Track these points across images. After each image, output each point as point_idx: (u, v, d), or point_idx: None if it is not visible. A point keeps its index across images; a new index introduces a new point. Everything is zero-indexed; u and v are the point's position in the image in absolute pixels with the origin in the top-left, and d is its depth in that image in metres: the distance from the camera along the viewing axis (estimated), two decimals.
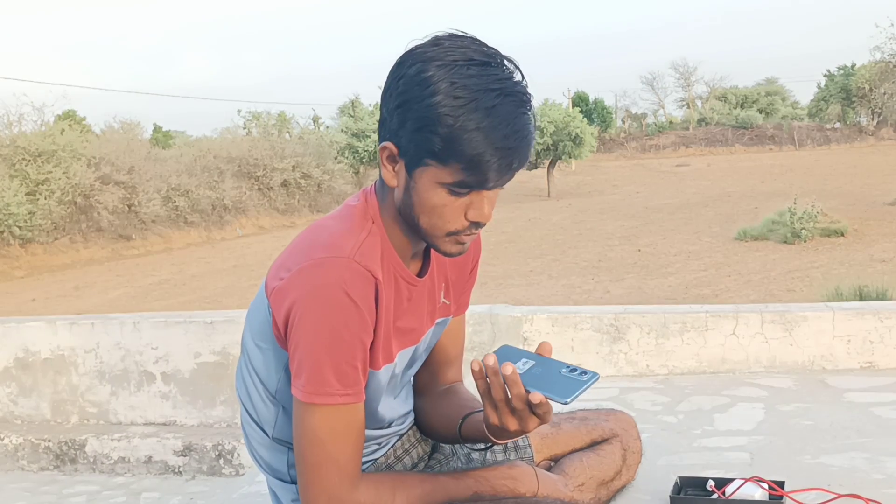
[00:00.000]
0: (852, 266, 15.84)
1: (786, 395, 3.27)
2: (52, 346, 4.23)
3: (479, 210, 1.36)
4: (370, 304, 1.39)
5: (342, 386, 1.37)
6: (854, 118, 57.07)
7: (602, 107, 61.55)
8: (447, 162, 1.31)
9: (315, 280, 1.35)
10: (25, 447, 4.14)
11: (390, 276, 1.46)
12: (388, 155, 1.39)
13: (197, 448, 3.91)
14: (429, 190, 1.35)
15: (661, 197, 31.73)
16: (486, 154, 1.29)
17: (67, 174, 26.70)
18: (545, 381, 1.35)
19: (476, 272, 1.75)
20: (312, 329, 1.35)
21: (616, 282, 16.24)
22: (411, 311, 1.53)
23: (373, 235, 1.44)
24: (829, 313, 3.58)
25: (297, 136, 41.29)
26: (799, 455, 2.55)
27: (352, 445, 1.42)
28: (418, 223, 1.40)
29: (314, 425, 1.39)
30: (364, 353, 1.40)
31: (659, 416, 3.08)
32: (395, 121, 1.35)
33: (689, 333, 3.62)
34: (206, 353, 4.03)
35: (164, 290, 19.68)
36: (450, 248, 1.42)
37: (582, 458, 1.82)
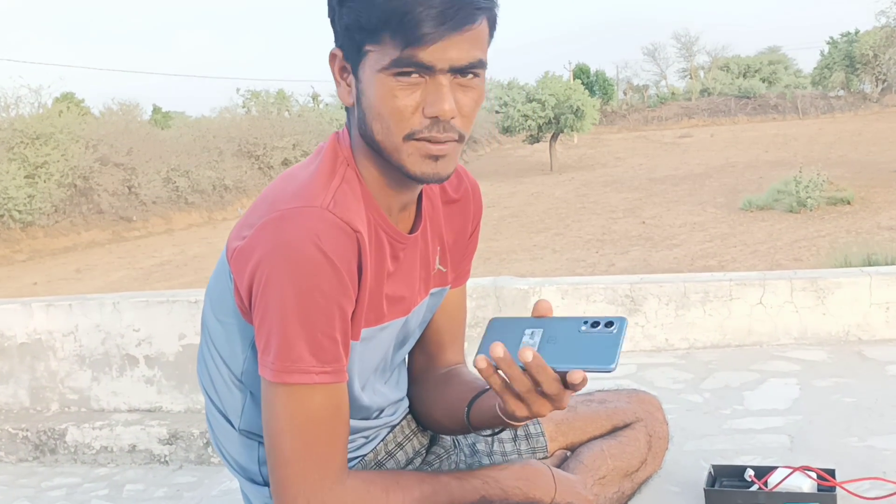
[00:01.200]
0: (859, 234, 15.65)
1: (820, 368, 2.99)
2: (29, 330, 3.98)
3: (435, 101, 1.12)
4: (350, 264, 1.14)
5: (318, 362, 1.13)
6: (858, 85, 56.53)
7: (603, 79, 61.08)
8: (379, 36, 1.11)
9: (282, 235, 1.11)
10: (2, 437, 3.91)
11: (373, 230, 1.20)
12: (338, 66, 1.20)
13: (183, 436, 3.67)
14: (375, 85, 1.13)
15: (664, 169, 31.45)
16: (413, 6, 1.08)
17: (66, 157, 26.49)
18: (571, 350, 1.08)
19: (477, 237, 1.47)
20: (280, 294, 1.10)
21: (621, 254, 16.04)
22: (400, 275, 1.27)
23: (348, 182, 1.20)
24: (865, 279, 3.29)
25: (296, 114, 40.97)
26: (844, 437, 2.28)
27: (334, 434, 1.17)
28: (376, 139, 1.16)
29: (287, 410, 1.14)
30: (344, 323, 1.14)
31: (682, 394, 2.81)
32: (332, 19, 1.18)
33: (711, 304, 3.34)
34: (192, 334, 3.77)
35: (166, 271, 19.53)
36: (418, 166, 1.15)
37: (602, 447, 1.57)
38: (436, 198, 1.38)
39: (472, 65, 1.13)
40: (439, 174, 1.17)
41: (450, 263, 1.41)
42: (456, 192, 1.41)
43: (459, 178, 1.41)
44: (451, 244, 1.41)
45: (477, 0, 1.12)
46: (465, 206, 1.42)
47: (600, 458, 1.54)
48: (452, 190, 1.40)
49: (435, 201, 1.38)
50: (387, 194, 1.23)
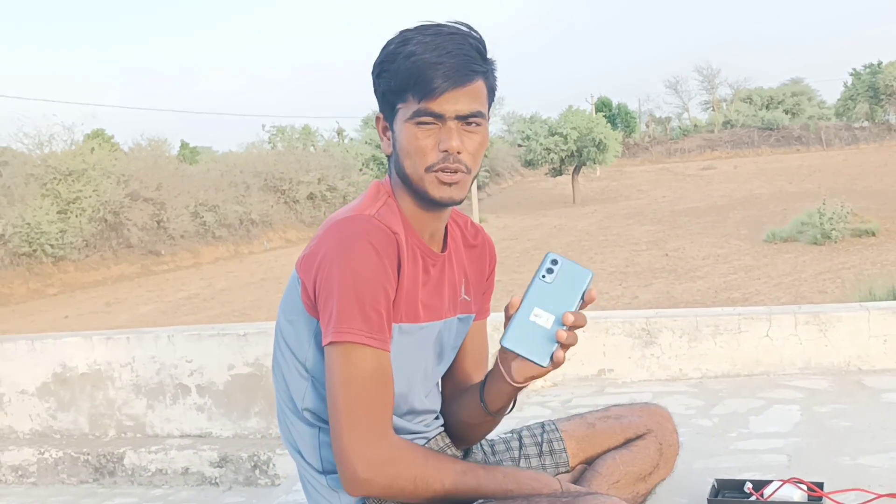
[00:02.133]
0: (885, 266, 15.62)
1: (822, 396, 3.24)
2: (89, 361, 4.29)
3: (447, 140, 1.47)
4: (392, 257, 1.47)
5: (368, 328, 1.43)
6: (882, 116, 56.40)
7: (626, 112, 61.37)
8: (404, 96, 1.48)
9: (341, 234, 1.47)
10: (65, 461, 4.20)
11: (410, 244, 1.54)
12: (381, 126, 1.57)
13: (233, 459, 3.94)
14: (403, 132, 1.50)
15: (687, 201, 31.55)
16: (425, 70, 1.45)
17: (97, 192, 27.06)
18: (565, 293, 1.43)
19: (493, 280, 1.79)
20: (340, 277, 1.43)
21: (644, 287, 16.15)
22: (432, 287, 1.59)
23: (389, 206, 1.54)
24: (864, 313, 3.54)
25: (321, 149, 41.55)
26: (837, 456, 2.53)
27: (379, 390, 1.45)
28: (406, 173, 1.52)
29: (342, 367, 1.43)
30: (387, 302, 1.46)
31: (693, 419, 3.07)
32: (375, 93, 1.55)
33: (721, 336, 3.60)
34: (240, 364, 4.07)
35: (194, 304, 19.86)
36: (436, 191, 1.50)
37: (615, 457, 1.82)
38: (459, 239, 1.71)
39: (473, 114, 1.49)
40: (453, 198, 1.51)
41: (472, 295, 1.72)
42: (474, 239, 1.74)
43: (476, 230, 1.76)
44: (473, 280, 1.73)
45: (472, 65, 1.48)
46: (482, 252, 1.75)
47: (613, 466, 1.80)
48: (471, 238, 1.74)
49: (458, 241, 1.71)
50: (419, 221, 1.56)
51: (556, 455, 1.82)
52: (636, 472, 1.83)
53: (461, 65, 1.46)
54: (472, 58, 1.48)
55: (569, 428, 1.87)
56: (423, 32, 1.49)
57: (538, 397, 3.54)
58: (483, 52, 1.52)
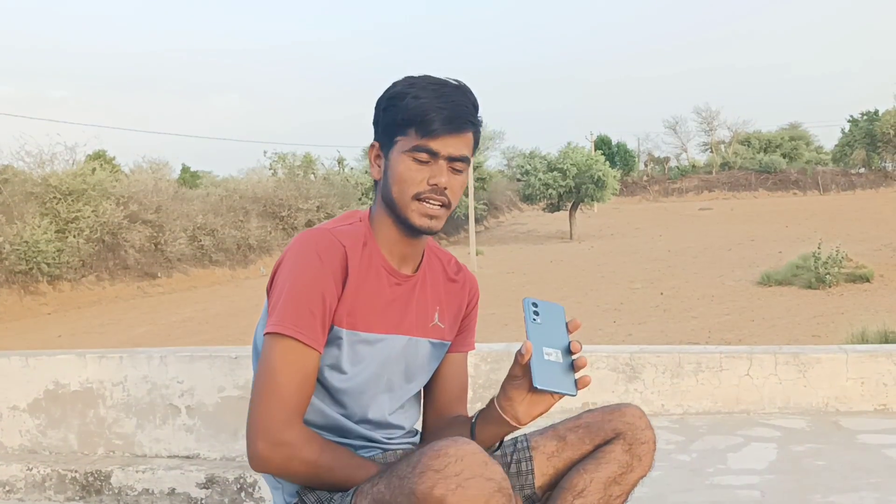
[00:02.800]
0: (878, 312, 15.64)
1: (799, 435, 3.30)
2: (82, 379, 4.33)
3: (437, 175, 1.66)
4: (336, 266, 1.65)
5: (297, 325, 1.60)
6: (879, 163, 56.81)
7: (624, 150, 61.78)
8: (406, 130, 1.66)
9: (298, 243, 1.67)
10: (53, 477, 4.23)
11: (371, 261, 1.71)
12: (374, 154, 1.74)
13: (219, 480, 3.97)
14: (398, 161, 1.68)
15: (683, 240, 31.66)
16: (429, 110, 1.64)
17: (96, 212, 27.14)
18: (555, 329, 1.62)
19: (475, 316, 1.91)
20: (283, 278, 1.64)
21: (638, 325, 16.18)
22: (395, 303, 1.73)
23: (355, 226, 1.72)
24: (842, 355, 3.62)
25: (321, 177, 41.73)
26: (809, 494, 2.59)
27: (297, 383, 1.60)
28: (393, 198, 1.69)
29: (269, 356, 1.60)
30: (323, 307, 1.62)
31: (673, 454, 3.13)
32: (375, 123, 1.73)
33: (703, 374, 3.67)
34: (230, 387, 4.11)
35: (188, 328, 19.85)
36: (418, 220, 1.68)
37: (580, 468, 1.84)
38: (437, 272, 1.85)
39: (461, 158, 1.69)
40: (431, 228, 1.69)
41: (448, 325, 1.84)
42: (455, 275, 1.88)
43: (459, 268, 1.90)
44: (450, 312, 1.85)
45: (468, 117, 1.68)
46: (462, 288, 1.88)
47: (577, 476, 1.84)
48: (452, 273, 1.87)
49: (437, 273, 1.84)
50: (392, 245, 1.73)
51: (522, 476, 1.86)
52: (603, 477, 1.83)
53: (460, 114, 1.67)
54: (469, 110, 1.69)
55: (540, 443, 1.91)
56: (428, 81, 1.69)
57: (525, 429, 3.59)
58: (477, 108, 1.72)
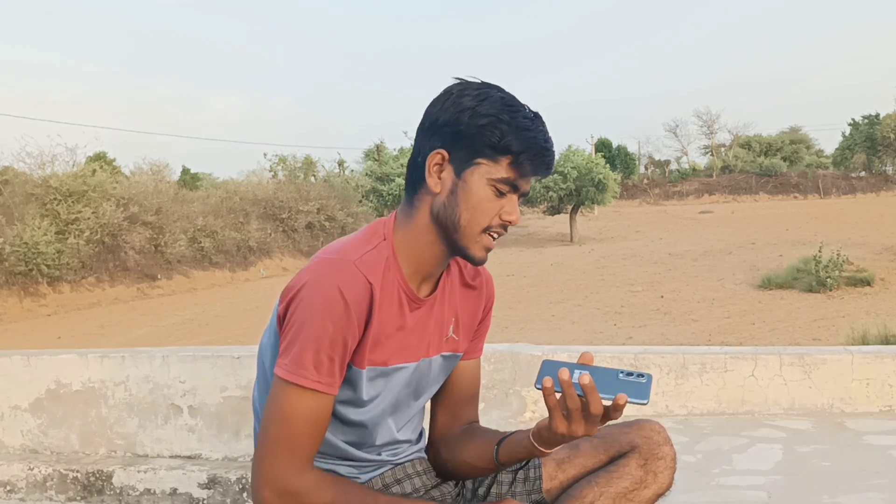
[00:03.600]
0: (879, 315, 15.62)
1: (804, 436, 3.29)
2: (84, 379, 4.31)
3: (510, 212, 1.58)
4: (361, 308, 1.52)
5: (317, 373, 1.50)
6: (880, 167, 56.80)
7: (625, 153, 61.76)
8: (497, 158, 1.54)
9: (317, 275, 1.52)
10: (54, 477, 4.21)
11: (393, 288, 1.59)
12: (437, 161, 1.58)
13: (221, 481, 3.96)
14: (478, 186, 1.55)
15: (684, 243, 31.64)
16: (533, 149, 1.55)
17: (97, 214, 27.14)
18: (614, 387, 1.43)
19: (489, 320, 1.84)
20: (303, 316, 1.50)
21: (639, 328, 16.17)
22: (414, 329, 1.64)
23: (379, 249, 1.59)
24: (847, 356, 3.61)
25: (322, 180, 41.73)
26: (817, 495, 2.58)
27: (310, 430, 1.52)
28: (458, 222, 1.56)
29: (282, 402, 1.51)
30: (344, 351, 1.52)
31: (678, 455, 3.10)
32: (450, 128, 1.56)
33: (708, 374, 3.66)
34: (233, 387, 4.10)
35: (188, 329, 19.84)
36: (478, 252, 1.59)
37: (590, 478, 1.81)
38: (455, 279, 1.76)
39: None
40: (484, 261, 1.62)
41: (462, 334, 1.77)
42: (473, 280, 1.79)
43: (477, 271, 1.80)
44: (465, 321, 1.77)
45: (553, 165, 1.60)
46: (479, 294, 1.80)
47: (587, 488, 1.81)
48: (470, 278, 1.78)
49: (454, 281, 1.75)
50: (416, 264, 1.61)
51: (529, 482, 1.83)
52: (614, 491, 1.79)
53: (554, 161, 1.60)
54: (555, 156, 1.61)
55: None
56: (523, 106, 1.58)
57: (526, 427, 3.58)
58: None
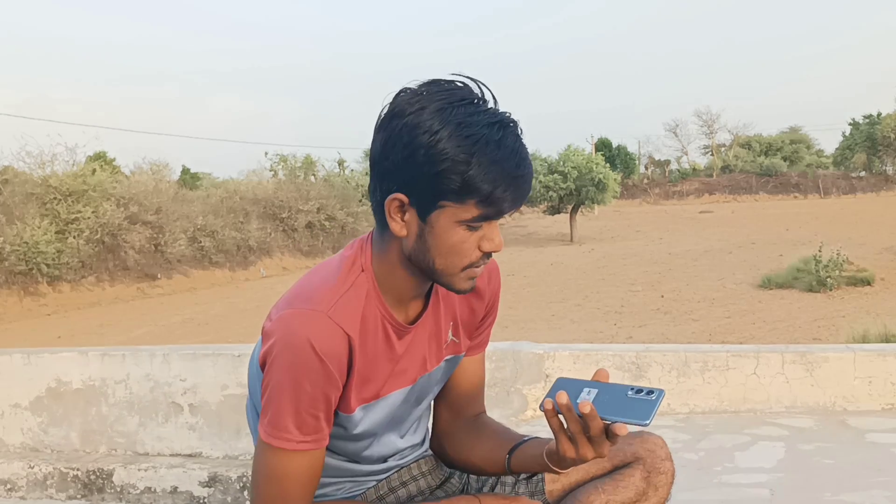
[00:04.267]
0: (879, 315, 15.61)
1: (807, 434, 3.28)
2: (84, 377, 4.30)
3: (491, 240, 1.43)
4: (339, 359, 1.44)
5: (300, 433, 1.45)
6: (880, 167, 56.81)
7: (625, 153, 61.76)
8: (464, 199, 1.37)
9: (289, 329, 1.43)
10: (54, 475, 4.20)
11: (376, 323, 1.51)
12: (396, 206, 1.42)
13: (222, 479, 3.95)
14: (448, 230, 1.41)
15: (684, 243, 31.63)
16: (502, 185, 1.37)
17: (97, 213, 27.14)
18: (618, 407, 1.39)
19: (495, 312, 1.78)
20: (278, 377, 1.43)
21: (639, 328, 16.17)
22: (406, 355, 1.58)
23: (357, 287, 1.49)
24: (850, 354, 3.60)
25: (322, 179, 41.73)
26: (819, 492, 2.57)
27: (302, 486, 1.48)
28: (433, 266, 1.45)
29: (268, 464, 1.47)
30: (327, 405, 1.46)
31: (679, 453, 3.10)
32: (404, 171, 1.39)
33: (710, 372, 3.65)
34: (233, 385, 4.09)
35: (188, 329, 19.85)
36: (463, 285, 1.47)
37: (597, 484, 1.81)
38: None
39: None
40: (472, 288, 1.50)
41: (462, 335, 1.72)
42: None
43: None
44: (466, 320, 1.72)
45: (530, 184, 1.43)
46: (482, 291, 1.73)
47: (594, 494, 1.81)
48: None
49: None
50: (400, 291, 1.52)
51: (532, 484, 1.82)
52: (619, 500, 1.79)
53: (531, 180, 1.42)
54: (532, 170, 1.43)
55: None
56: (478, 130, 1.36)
57: (528, 427, 3.58)
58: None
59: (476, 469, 1.76)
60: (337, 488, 1.66)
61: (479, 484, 1.85)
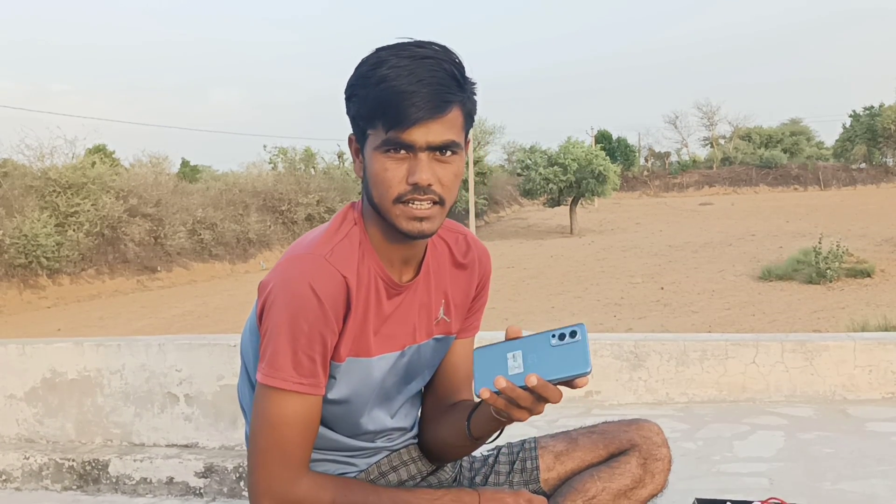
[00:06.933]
0: (879, 307, 15.64)
1: (806, 423, 3.26)
2: (79, 368, 4.27)
3: (414, 172, 1.41)
4: (336, 303, 1.45)
5: (297, 374, 1.44)
6: (880, 159, 56.74)
7: (625, 145, 61.69)
8: (374, 122, 1.41)
9: (288, 273, 1.45)
10: (50, 466, 4.18)
11: (371, 277, 1.51)
12: (353, 148, 1.51)
13: (218, 470, 3.93)
14: (372, 160, 1.44)
15: (684, 235, 31.62)
16: (395, 98, 1.37)
17: (96, 206, 27.11)
18: (553, 363, 1.36)
19: (486, 295, 1.76)
20: (276, 317, 1.43)
21: (639, 319, 16.16)
22: (397, 316, 1.57)
23: (350, 237, 1.51)
24: (850, 343, 3.57)
25: (322, 171, 41.68)
26: (818, 481, 2.55)
27: (300, 434, 1.47)
28: (374, 201, 1.47)
29: (267, 408, 1.46)
30: (323, 348, 1.45)
31: (678, 442, 3.08)
32: (347, 112, 1.47)
33: (708, 361, 3.62)
34: (229, 375, 4.06)
35: (188, 321, 19.86)
36: (404, 224, 1.44)
37: (593, 472, 1.79)
38: (444, 258, 1.67)
39: (447, 145, 1.41)
40: (423, 232, 1.45)
41: (454, 316, 1.69)
42: (464, 258, 1.70)
43: (468, 246, 1.69)
44: (457, 301, 1.69)
45: (447, 94, 1.39)
46: (472, 272, 1.71)
47: (590, 482, 1.78)
48: (461, 256, 1.67)
49: (442, 261, 1.67)
50: (388, 249, 1.52)
51: (526, 473, 1.80)
52: (615, 487, 1.78)
53: (434, 94, 1.38)
54: (446, 86, 1.40)
55: (549, 443, 1.84)
56: (397, 55, 1.40)
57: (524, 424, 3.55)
58: (460, 77, 1.43)
59: (447, 447, 1.72)
60: (325, 467, 1.62)
61: (471, 473, 1.82)
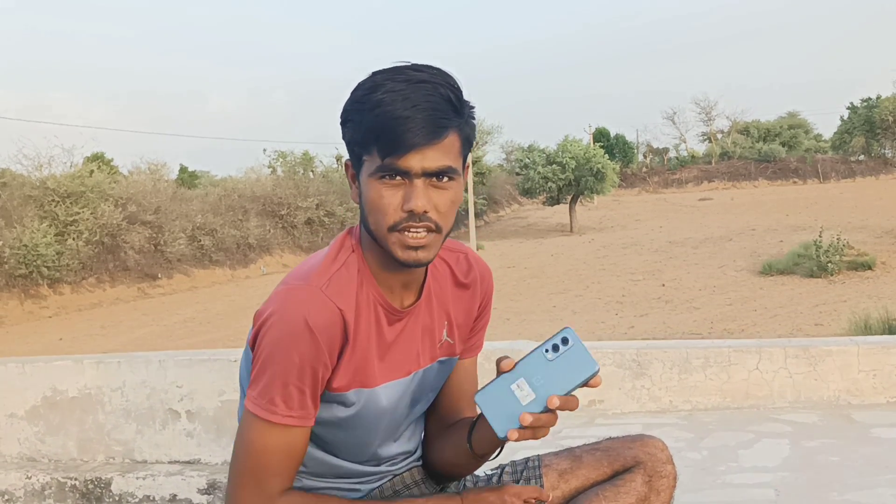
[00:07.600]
0: (881, 299, 15.59)
1: (811, 430, 3.24)
2: (80, 385, 4.26)
3: (409, 199, 1.38)
4: (331, 336, 1.43)
5: (286, 407, 1.43)
6: (879, 150, 56.69)
7: (623, 142, 61.62)
8: (369, 149, 1.40)
9: (283, 304, 1.43)
10: (52, 486, 4.16)
11: (370, 304, 1.49)
12: (350, 173, 1.49)
13: (221, 486, 3.91)
14: (368, 186, 1.42)
15: (684, 231, 31.59)
16: (390, 124, 1.36)
17: (95, 215, 27.10)
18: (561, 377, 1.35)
19: (488, 315, 1.74)
20: (269, 348, 1.42)
21: (640, 317, 16.14)
22: (400, 343, 1.55)
23: (348, 265, 1.49)
24: (853, 347, 3.55)
25: (320, 175, 41.65)
26: (825, 492, 2.53)
27: (279, 463, 1.46)
28: (370, 228, 1.45)
29: (250, 435, 1.46)
30: (314, 381, 1.44)
31: (683, 452, 3.06)
32: (344, 139, 1.46)
33: (711, 368, 3.60)
34: (230, 390, 4.05)
35: (189, 328, 19.83)
36: (401, 253, 1.42)
37: (598, 491, 1.78)
38: (445, 279, 1.65)
39: (443, 170, 1.39)
40: (419, 260, 1.43)
41: (457, 337, 1.67)
42: (465, 277, 1.67)
43: (470, 265, 1.67)
44: (460, 322, 1.67)
45: (442, 120, 1.37)
46: (474, 292, 1.69)
47: (595, 500, 1.77)
48: (462, 276, 1.65)
49: (444, 282, 1.64)
50: (387, 275, 1.50)
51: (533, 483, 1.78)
52: None
53: (430, 119, 1.36)
54: (442, 111, 1.38)
55: (553, 461, 1.83)
56: (393, 79, 1.39)
57: None
58: (456, 101, 1.41)
59: (452, 467, 1.70)
60: (329, 493, 1.61)
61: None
